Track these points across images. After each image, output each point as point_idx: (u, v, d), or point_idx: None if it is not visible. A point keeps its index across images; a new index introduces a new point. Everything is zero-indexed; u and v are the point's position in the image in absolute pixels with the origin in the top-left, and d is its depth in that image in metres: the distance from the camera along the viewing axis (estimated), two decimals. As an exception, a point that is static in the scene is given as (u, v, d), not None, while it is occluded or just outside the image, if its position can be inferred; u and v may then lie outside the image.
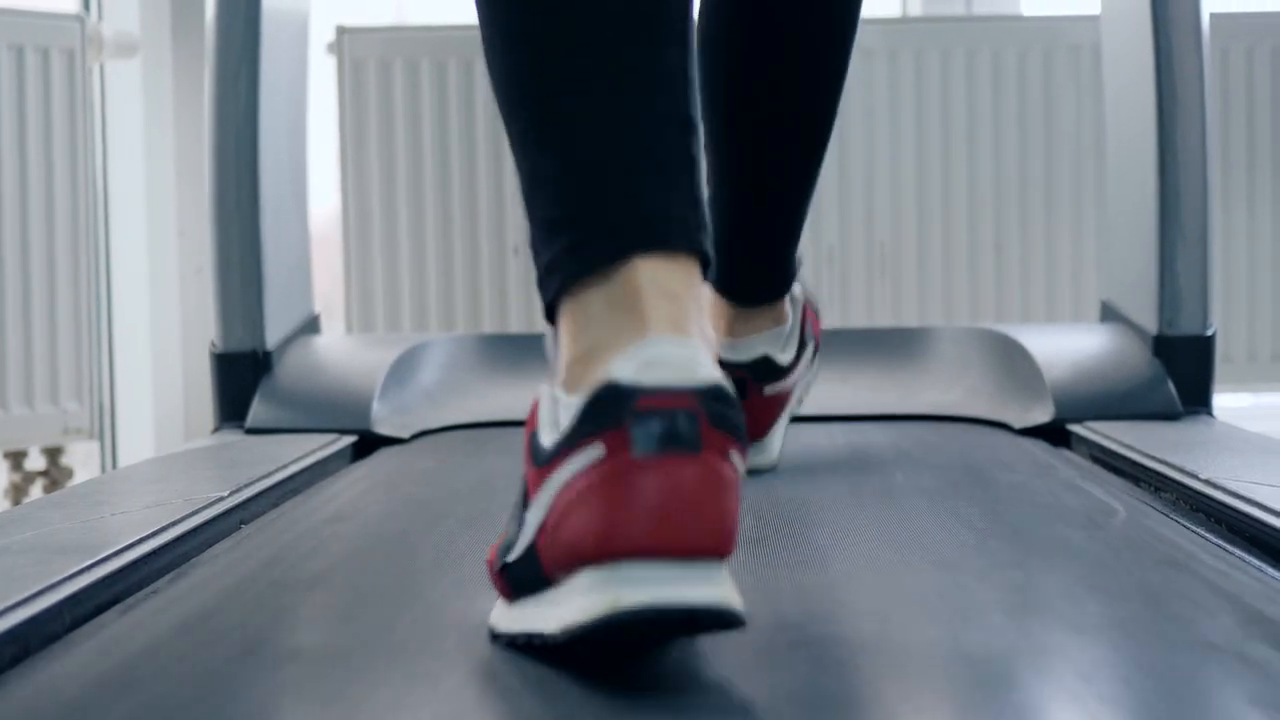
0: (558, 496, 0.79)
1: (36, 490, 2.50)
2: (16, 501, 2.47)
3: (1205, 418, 1.83)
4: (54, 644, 0.93)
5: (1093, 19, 2.38)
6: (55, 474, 2.50)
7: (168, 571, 1.12)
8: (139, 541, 1.14)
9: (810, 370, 1.56)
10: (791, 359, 1.47)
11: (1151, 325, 1.90)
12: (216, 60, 1.92)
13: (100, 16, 2.70)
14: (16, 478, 2.50)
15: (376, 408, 1.84)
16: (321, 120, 2.53)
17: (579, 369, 0.82)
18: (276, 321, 1.95)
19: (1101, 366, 1.88)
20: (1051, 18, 2.62)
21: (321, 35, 2.54)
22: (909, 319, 2.58)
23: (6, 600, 0.95)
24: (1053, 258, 2.59)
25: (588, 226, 0.85)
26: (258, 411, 1.87)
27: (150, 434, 2.71)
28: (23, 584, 0.99)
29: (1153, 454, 1.48)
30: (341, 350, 2.06)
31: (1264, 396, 2.91)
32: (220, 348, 1.93)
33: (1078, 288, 2.59)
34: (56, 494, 1.44)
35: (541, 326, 1.01)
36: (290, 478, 1.50)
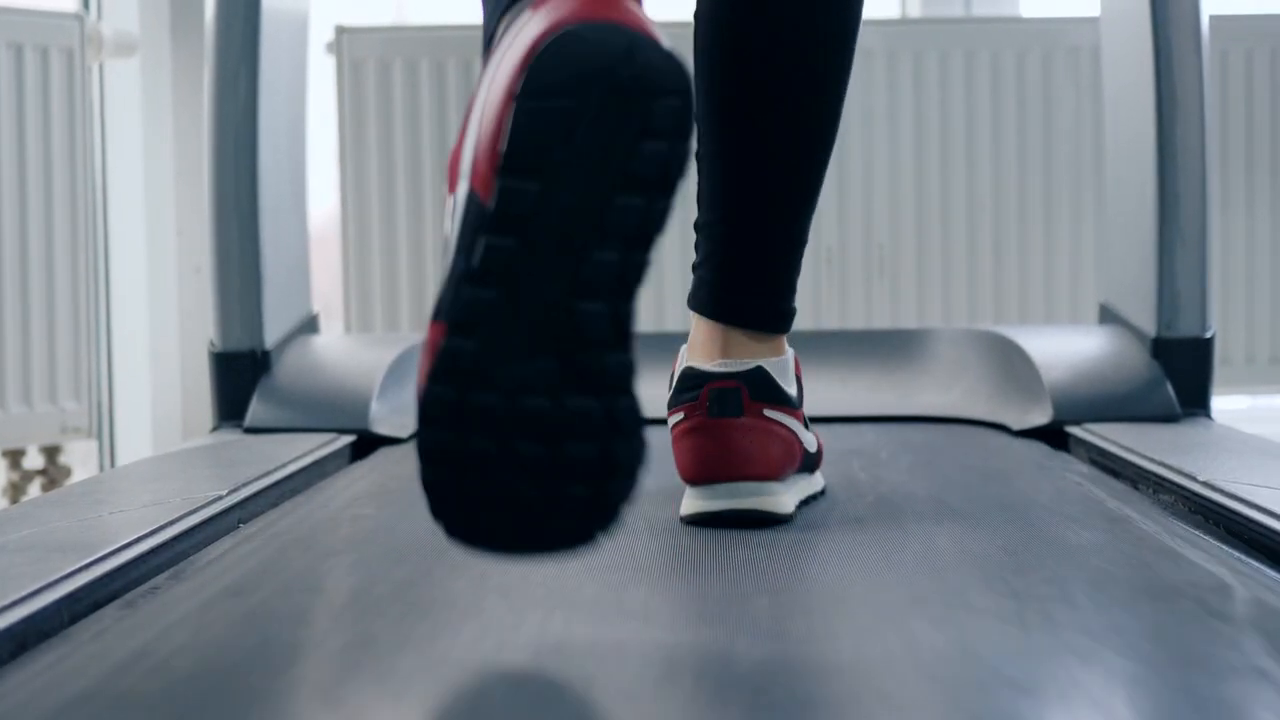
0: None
1: (35, 489, 2.50)
2: (15, 500, 2.47)
3: (1203, 420, 1.83)
4: (51, 641, 0.93)
5: (1092, 21, 2.38)
6: (53, 473, 2.50)
7: (166, 570, 1.12)
8: (137, 540, 1.14)
9: (820, 478, 1.39)
10: (795, 395, 1.31)
11: (1150, 327, 1.90)
12: (216, 60, 1.92)
13: (99, 16, 2.70)
14: (15, 476, 2.50)
15: (375, 407, 1.84)
16: (320, 120, 2.53)
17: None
18: (275, 321, 1.95)
19: (1100, 368, 1.89)
20: (1051, 19, 2.62)
21: (321, 35, 2.54)
22: (907, 320, 2.58)
23: (5, 598, 0.95)
24: (1051, 259, 2.59)
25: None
26: (256, 411, 1.87)
27: (148, 433, 2.71)
28: (21, 582, 0.99)
29: (1151, 456, 1.48)
30: (340, 350, 2.06)
31: (1262, 399, 2.91)
32: (219, 347, 1.93)
33: (1076, 289, 2.59)
34: (55, 492, 1.44)
35: None
36: (289, 477, 1.50)
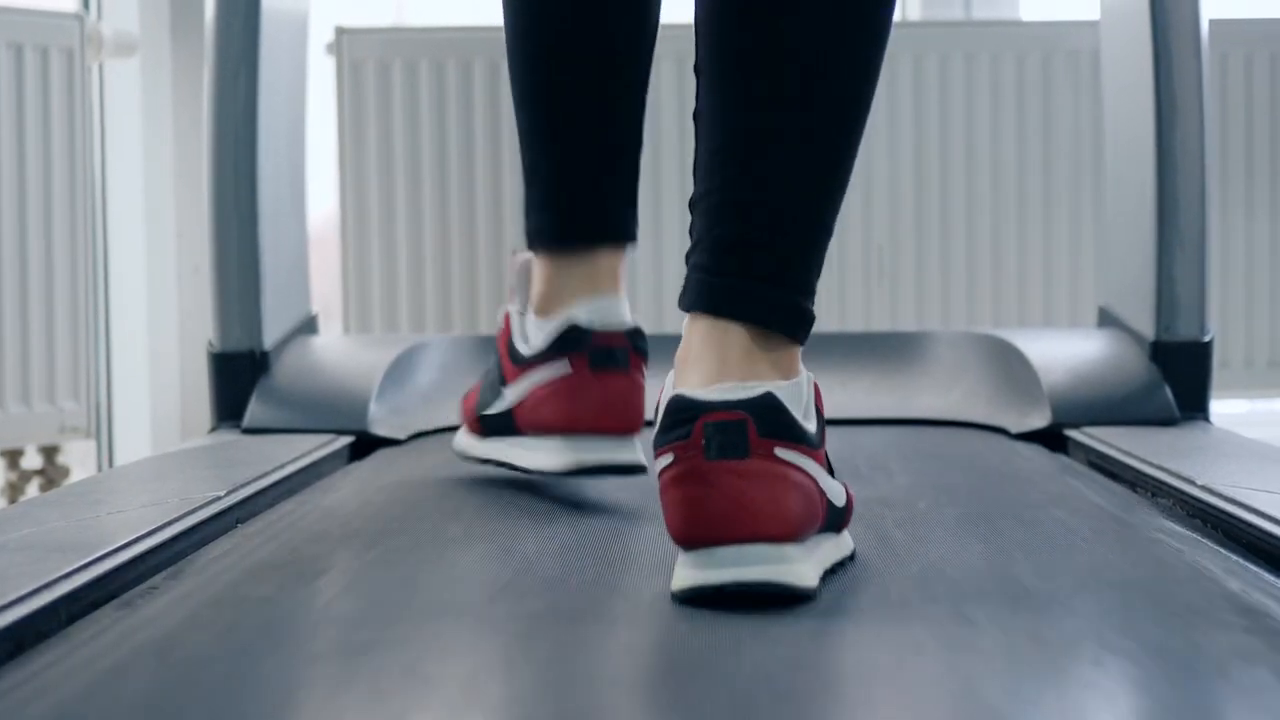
0: (535, 388, 1.29)
1: (33, 489, 2.50)
2: (13, 500, 2.47)
3: (1202, 423, 1.83)
4: (50, 641, 0.93)
5: (1092, 24, 2.38)
6: (52, 473, 2.50)
7: (164, 570, 1.12)
8: (135, 540, 1.14)
9: (848, 539, 1.12)
10: (816, 432, 1.02)
11: (1149, 331, 1.90)
12: (216, 60, 1.92)
13: (99, 16, 2.70)
14: (13, 476, 2.50)
15: (373, 408, 1.84)
16: (320, 121, 2.53)
17: (547, 303, 1.31)
18: (274, 321, 1.95)
19: (1099, 371, 1.89)
20: (1051, 23, 2.62)
21: (320, 36, 2.54)
22: (906, 323, 2.58)
23: (3, 598, 0.95)
24: (1051, 262, 2.59)
25: (564, 216, 1.32)
26: (255, 411, 1.86)
27: (147, 433, 2.70)
28: (19, 582, 0.99)
29: (1150, 459, 1.48)
30: (339, 351, 2.06)
31: (1261, 402, 2.91)
32: (218, 347, 1.93)
33: (1075, 293, 2.59)
34: (53, 492, 1.44)
35: None
36: (287, 478, 1.50)
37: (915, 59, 2.58)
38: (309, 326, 2.08)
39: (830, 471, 1.05)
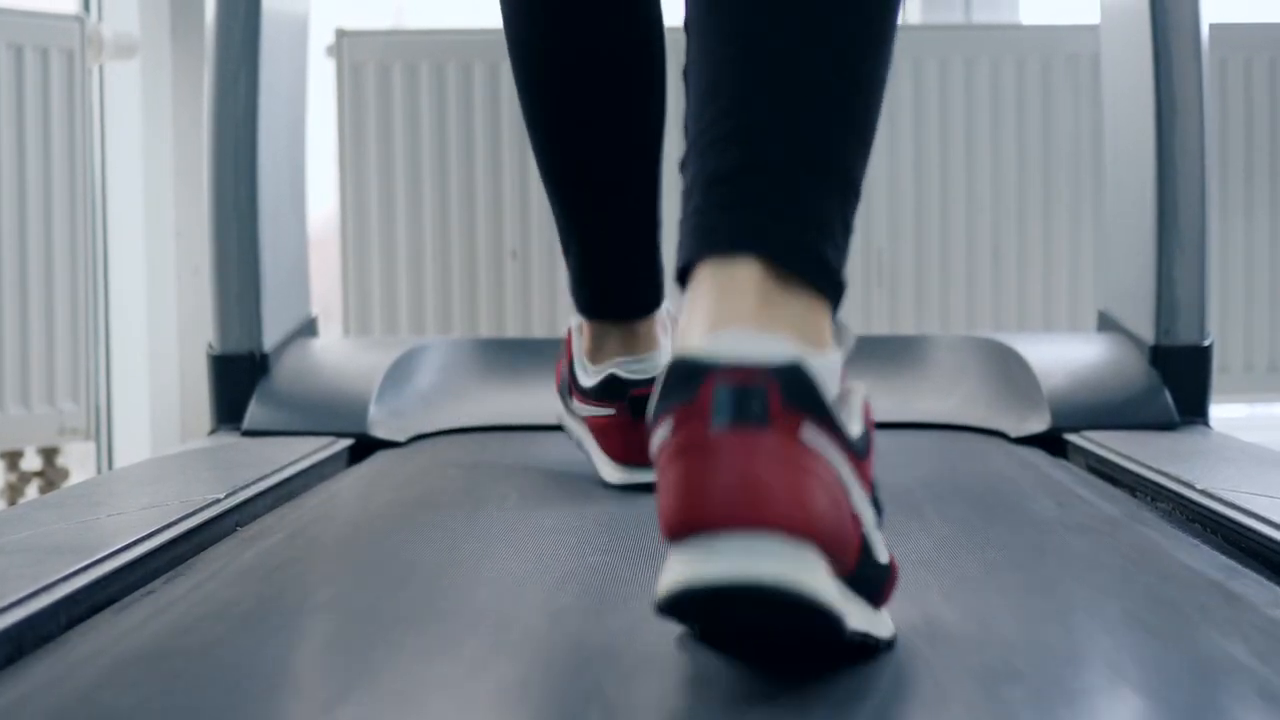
0: (591, 417, 1.48)
1: (32, 491, 2.50)
2: (12, 502, 2.47)
3: (1202, 428, 1.83)
4: (49, 644, 0.93)
5: (1092, 28, 2.38)
6: (51, 475, 2.50)
7: (163, 573, 1.12)
8: (135, 543, 1.13)
9: (885, 619, 0.89)
10: (860, 437, 0.82)
11: (1149, 335, 1.90)
12: (216, 62, 1.92)
13: (100, 17, 2.70)
14: (12, 478, 2.50)
15: (373, 411, 1.84)
16: (320, 123, 2.53)
17: (594, 351, 1.48)
18: (274, 324, 1.95)
19: (1099, 376, 1.89)
20: (1051, 27, 2.62)
21: (321, 38, 2.54)
22: (906, 327, 2.58)
23: (2, 601, 0.95)
24: (1050, 266, 2.59)
25: (595, 297, 1.48)
26: (254, 414, 1.86)
27: (146, 435, 2.70)
28: (18, 584, 0.99)
29: (1149, 464, 1.48)
30: (339, 353, 2.06)
31: (1260, 407, 2.91)
32: (217, 349, 1.93)
33: (1075, 297, 2.59)
34: (52, 495, 1.43)
35: (537, 332, 1.46)
36: (287, 480, 1.50)
37: (915, 62, 2.58)
38: (309, 328, 2.08)
39: (877, 508, 0.83)
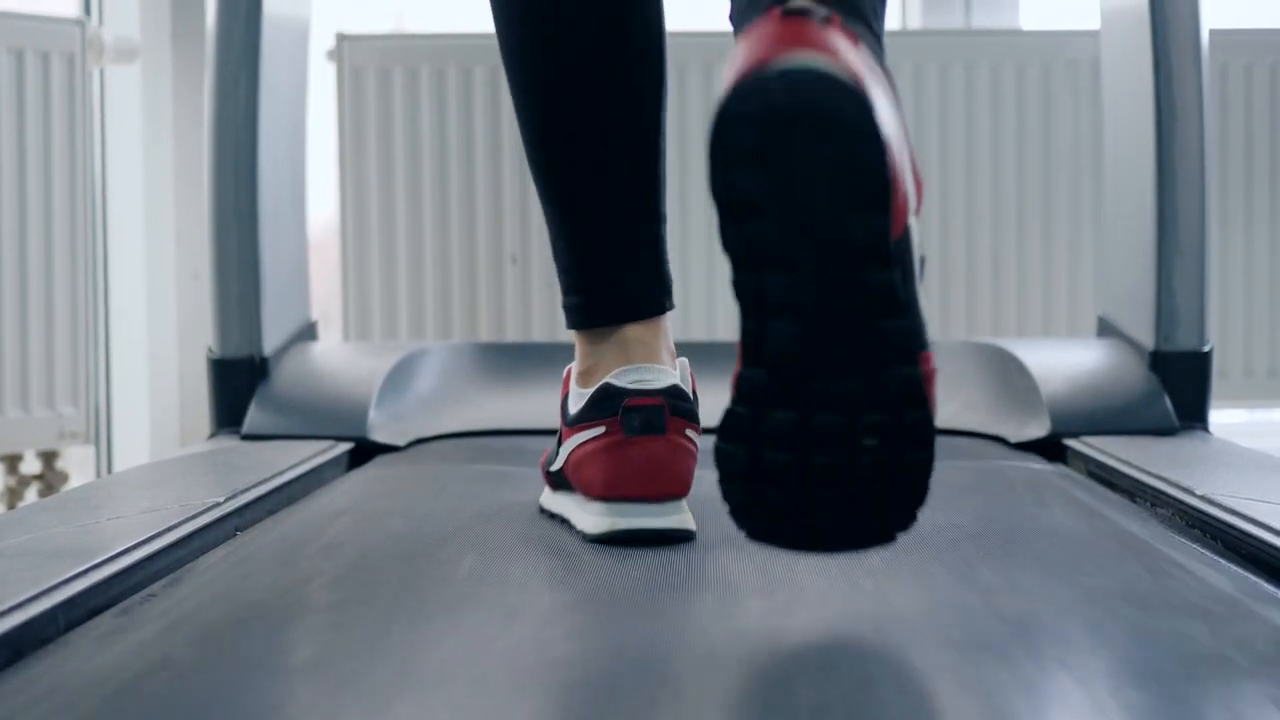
0: (576, 449, 1.23)
1: (31, 494, 2.50)
2: (11, 505, 2.47)
3: (1201, 433, 1.83)
4: (48, 647, 0.93)
5: (1092, 34, 2.38)
6: (50, 478, 2.50)
7: (163, 577, 1.12)
8: (134, 546, 1.13)
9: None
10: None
11: (1148, 340, 1.90)
12: (216, 66, 1.92)
13: (101, 21, 2.70)
14: (12, 481, 2.50)
15: (373, 415, 1.84)
16: (320, 127, 2.53)
17: (586, 376, 1.28)
18: (274, 328, 1.95)
19: (1098, 381, 1.89)
20: (1051, 32, 2.62)
21: (321, 42, 2.54)
22: (906, 332, 2.57)
23: (1, 604, 0.95)
24: (1050, 272, 2.59)
25: (587, 297, 1.30)
26: (254, 418, 1.86)
27: (146, 439, 2.70)
28: (17, 588, 0.99)
29: (1149, 469, 1.48)
30: (338, 357, 2.06)
31: (1260, 412, 2.91)
32: (217, 353, 1.93)
33: (1075, 302, 2.59)
34: (52, 498, 1.44)
35: (536, 336, 1.35)
36: (286, 484, 1.50)
37: (915, 67, 2.58)
38: (309, 333, 2.08)
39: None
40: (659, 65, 1.32)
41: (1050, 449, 1.76)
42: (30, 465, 2.51)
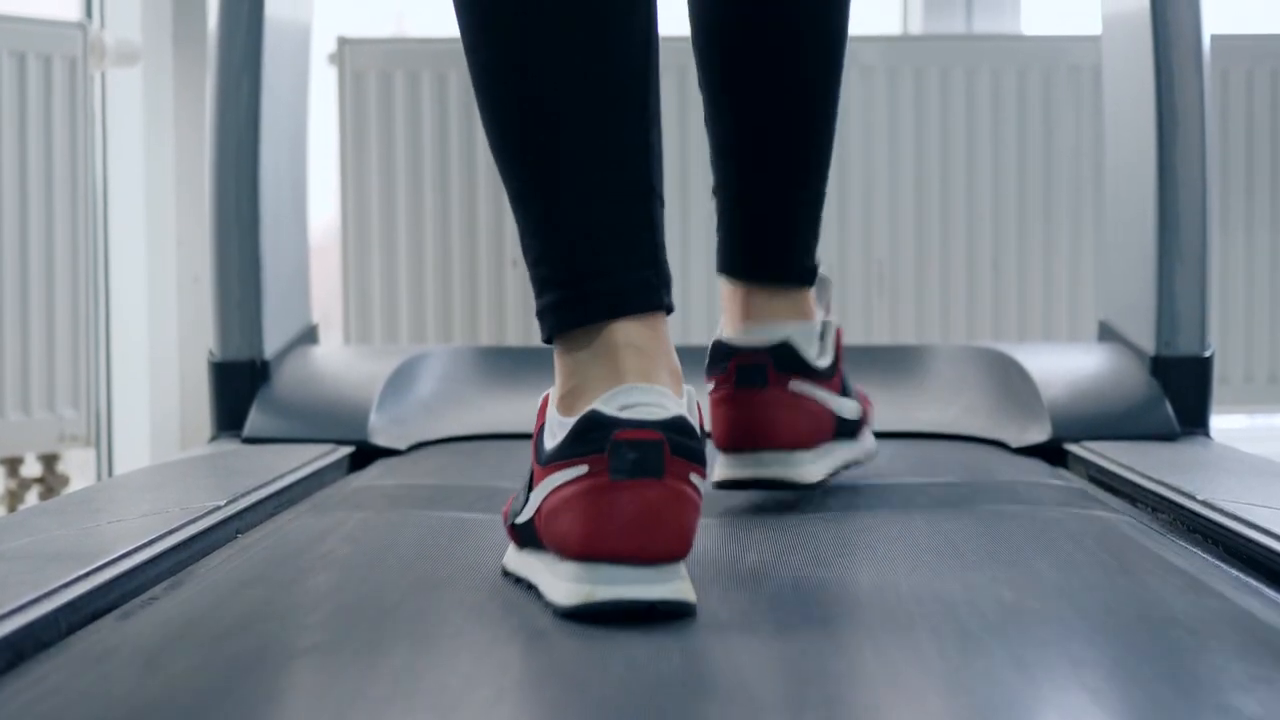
0: (550, 494, 0.98)
1: (32, 497, 2.50)
2: (12, 508, 2.47)
3: (1202, 439, 1.83)
4: (49, 650, 0.93)
5: (1094, 39, 2.38)
6: (51, 481, 2.50)
7: (164, 580, 1.12)
8: (135, 549, 1.13)
9: (868, 441, 1.47)
10: (828, 366, 1.37)
11: (1149, 346, 1.90)
12: (218, 69, 1.92)
13: (102, 24, 2.70)
14: (12, 484, 2.50)
15: (374, 419, 1.84)
16: (322, 130, 2.53)
17: (569, 400, 1.02)
18: (275, 331, 1.95)
19: (1099, 386, 1.89)
20: (1052, 37, 2.62)
21: (323, 46, 2.54)
22: (906, 336, 2.58)
23: (2, 607, 0.95)
24: (1051, 277, 2.59)
25: (567, 292, 1.04)
26: (255, 421, 1.86)
27: (147, 442, 2.70)
28: (18, 591, 0.99)
29: (1150, 474, 1.48)
30: (339, 361, 2.06)
31: (1260, 418, 2.91)
32: (218, 356, 1.93)
33: (1075, 307, 2.59)
34: (52, 501, 1.43)
35: (537, 340, 1.10)
36: (287, 488, 1.50)
37: (916, 72, 2.58)
38: (309, 336, 2.08)
39: (846, 391, 1.39)
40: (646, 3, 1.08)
41: (1051, 454, 1.76)
42: (31, 468, 2.51)
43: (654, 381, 1.00)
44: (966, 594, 1.03)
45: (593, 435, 0.95)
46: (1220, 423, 2.25)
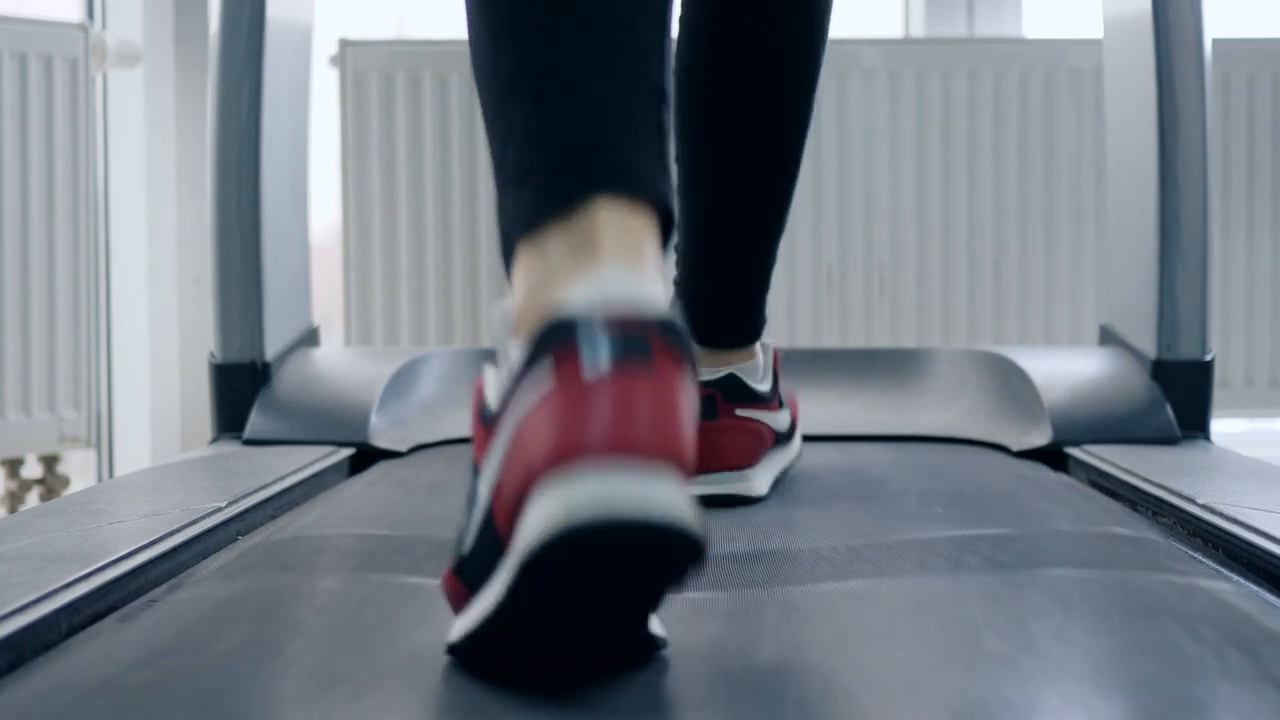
0: (510, 439, 0.75)
1: (33, 498, 2.50)
2: (13, 509, 2.47)
3: (1203, 442, 1.83)
4: (50, 652, 0.93)
5: (1095, 42, 2.39)
6: (52, 482, 2.50)
7: (164, 581, 1.12)
8: (135, 551, 1.13)
9: (796, 444, 1.57)
10: (768, 391, 1.48)
11: (1150, 349, 1.90)
12: (219, 71, 1.92)
13: (104, 26, 2.70)
14: (13, 485, 2.50)
15: (374, 420, 1.84)
16: (323, 132, 2.53)
17: (529, 306, 0.80)
18: (275, 333, 1.95)
19: (1100, 390, 1.89)
20: (1054, 40, 2.62)
21: (324, 48, 2.54)
22: (907, 339, 2.58)
23: (2, 608, 0.95)
24: (1052, 280, 2.59)
25: (554, 170, 0.84)
26: (255, 422, 1.86)
27: (147, 443, 2.70)
28: (19, 592, 0.99)
29: (1150, 478, 1.48)
30: (340, 362, 2.06)
31: (1261, 422, 2.91)
32: (219, 358, 1.93)
33: (1076, 310, 2.59)
34: (53, 502, 1.43)
35: None
36: (288, 489, 1.50)
37: (918, 75, 2.58)
38: (310, 338, 2.08)
39: (781, 406, 1.49)
40: None
41: (1052, 457, 1.76)
42: (31, 469, 2.51)
43: (640, 264, 0.80)
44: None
45: (556, 333, 0.73)
46: (1221, 427, 2.25)
